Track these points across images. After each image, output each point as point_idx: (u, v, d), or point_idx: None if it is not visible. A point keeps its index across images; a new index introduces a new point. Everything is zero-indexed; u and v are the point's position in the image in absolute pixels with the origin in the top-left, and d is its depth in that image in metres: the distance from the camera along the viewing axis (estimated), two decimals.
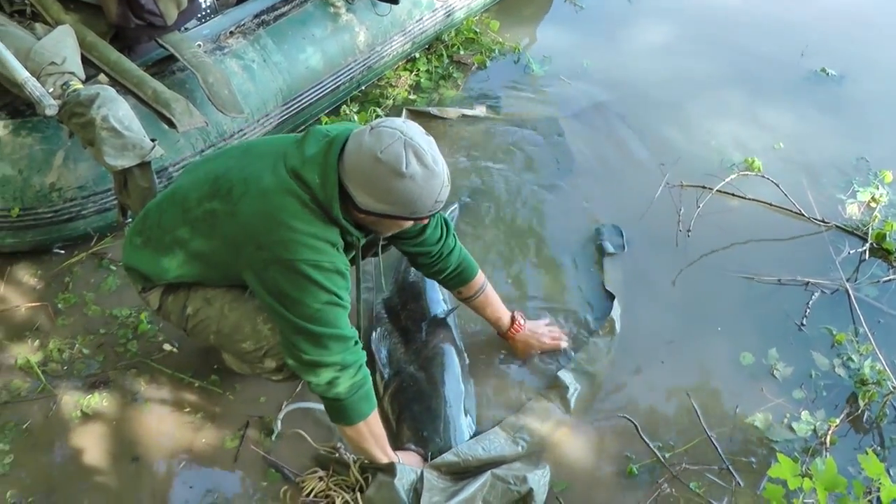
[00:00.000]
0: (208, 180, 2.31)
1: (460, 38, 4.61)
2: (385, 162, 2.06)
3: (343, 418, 2.32)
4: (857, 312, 3.21)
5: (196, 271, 2.42)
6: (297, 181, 2.16)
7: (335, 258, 2.19)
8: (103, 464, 2.64)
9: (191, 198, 2.32)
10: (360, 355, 2.29)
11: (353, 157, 2.11)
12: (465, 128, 4.08)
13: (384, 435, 2.45)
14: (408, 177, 2.07)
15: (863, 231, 3.55)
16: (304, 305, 2.16)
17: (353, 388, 2.26)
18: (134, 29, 3.17)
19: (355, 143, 2.12)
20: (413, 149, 2.08)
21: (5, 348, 2.94)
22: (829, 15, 5.19)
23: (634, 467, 2.69)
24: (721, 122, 4.24)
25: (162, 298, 2.54)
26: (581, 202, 3.71)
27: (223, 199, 2.23)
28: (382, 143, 2.07)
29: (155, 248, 2.42)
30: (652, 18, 5.08)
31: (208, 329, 2.50)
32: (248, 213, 2.18)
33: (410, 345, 2.93)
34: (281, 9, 3.74)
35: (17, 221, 3.05)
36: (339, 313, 2.21)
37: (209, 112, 3.20)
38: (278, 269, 2.15)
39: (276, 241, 2.14)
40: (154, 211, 2.45)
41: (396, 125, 2.12)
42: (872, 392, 2.91)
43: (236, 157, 2.36)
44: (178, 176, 2.64)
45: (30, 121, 3.03)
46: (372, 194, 2.11)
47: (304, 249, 2.13)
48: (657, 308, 3.24)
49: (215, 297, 2.47)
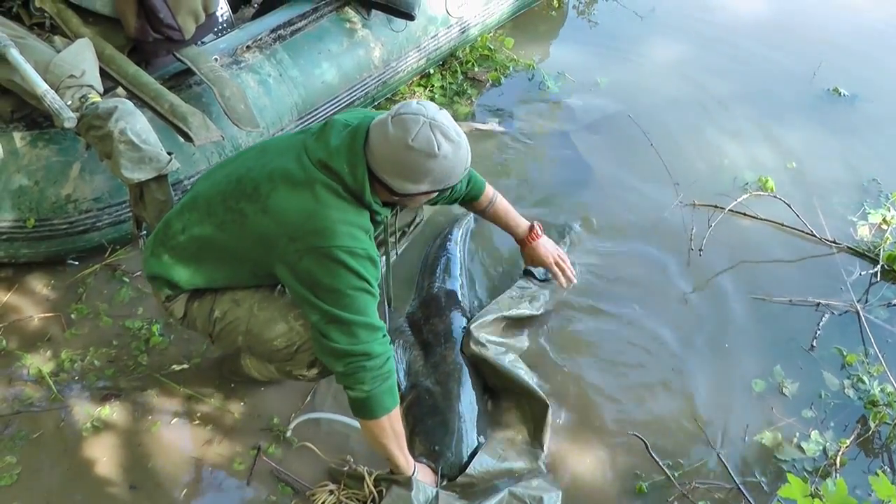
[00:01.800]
0: (231, 182, 2.34)
1: (475, 55, 4.62)
2: (418, 149, 2.17)
3: (366, 411, 2.30)
4: (868, 334, 3.21)
5: (225, 273, 2.44)
6: (326, 171, 2.22)
7: (368, 245, 2.24)
8: (113, 477, 2.65)
9: (214, 202, 2.35)
10: (388, 348, 2.29)
11: (383, 149, 2.19)
12: (477, 143, 4.10)
13: (404, 434, 2.44)
14: (441, 156, 2.19)
15: (874, 253, 3.55)
16: (336, 293, 2.19)
17: (378, 379, 2.25)
18: (152, 43, 3.19)
19: (380, 135, 2.20)
20: (439, 129, 2.20)
21: (18, 358, 2.95)
22: (842, 35, 5.19)
23: (644, 485, 2.69)
24: (733, 141, 4.25)
25: (187, 306, 2.53)
26: (587, 220, 3.71)
27: (250, 198, 2.26)
28: (410, 131, 2.16)
29: (181, 256, 2.43)
30: (664, 36, 5.09)
31: (237, 330, 2.49)
32: (280, 208, 2.22)
33: (430, 358, 2.95)
34: (297, 24, 3.75)
35: (33, 232, 3.07)
36: (368, 301, 2.24)
37: (225, 126, 3.22)
38: (312, 258, 2.18)
39: (310, 230, 2.18)
40: (175, 220, 2.46)
41: (415, 109, 2.22)
42: (883, 414, 2.91)
43: (254, 157, 2.40)
44: (194, 183, 2.65)
45: (47, 132, 3.05)
46: (410, 178, 2.22)
47: (338, 236, 2.17)
48: (668, 326, 3.24)
49: (244, 298, 2.48)
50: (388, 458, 2.43)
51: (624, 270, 3.46)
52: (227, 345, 2.61)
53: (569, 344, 3.15)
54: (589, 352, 3.14)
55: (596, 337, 3.20)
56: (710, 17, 5.33)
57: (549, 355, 3.10)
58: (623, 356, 3.13)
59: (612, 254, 3.54)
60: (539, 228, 3.09)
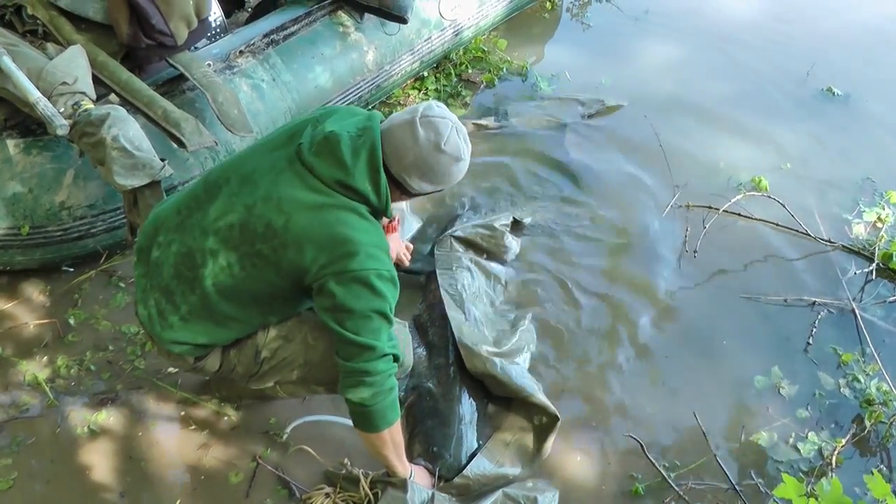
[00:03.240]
0: (233, 231, 2.19)
1: (468, 57, 4.63)
2: (449, 153, 2.18)
3: (366, 425, 2.28)
4: (864, 332, 3.22)
5: (257, 316, 2.36)
6: (347, 192, 2.14)
7: (391, 266, 2.21)
8: (110, 481, 2.64)
9: (221, 254, 2.21)
10: (390, 366, 2.24)
11: (413, 151, 2.16)
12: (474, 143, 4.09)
13: (403, 444, 2.44)
14: (464, 161, 2.24)
15: (869, 251, 3.56)
16: (356, 314, 2.14)
17: (379, 395, 2.22)
18: (145, 49, 3.19)
19: (407, 135, 2.16)
20: (461, 133, 2.23)
21: (14, 364, 2.95)
22: (835, 35, 5.21)
23: (640, 487, 2.70)
24: (728, 142, 4.26)
25: (223, 357, 2.44)
26: (584, 221, 3.73)
27: (264, 237, 2.15)
28: (442, 136, 2.17)
29: (199, 315, 2.30)
30: (658, 38, 5.10)
31: (293, 365, 2.44)
32: (302, 237, 2.12)
33: (433, 360, 2.96)
34: (290, 28, 3.76)
35: (27, 240, 3.06)
36: (381, 324, 2.18)
37: (218, 131, 3.22)
38: (342, 281, 2.12)
39: (339, 255, 2.10)
40: (175, 285, 2.30)
41: (441, 113, 2.21)
42: (879, 412, 2.91)
43: (237, 191, 2.23)
44: (165, 239, 2.33)
45: (40, 140, 3.05)
46: (432, 181, 2.23)
47: (367, 260, 2.12)
48: (663, 327, 3.24)
49: (292, 332, 2.42)
50: (387, 466, 2.43)
51: (618, 272, 3.47)
52: (273, 381, 2.55)
53: (562, 345, 3.16)
54: (582, 353, 3.14)
55: (589, 338, 3.20)
56: (703, 19, 5.34)
57: (543, 356, 3.11)
58: (617, 357, 3.13)
59: (605, 255, 3.55)
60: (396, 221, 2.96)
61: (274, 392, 2.67)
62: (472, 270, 3.31)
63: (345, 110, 2.31)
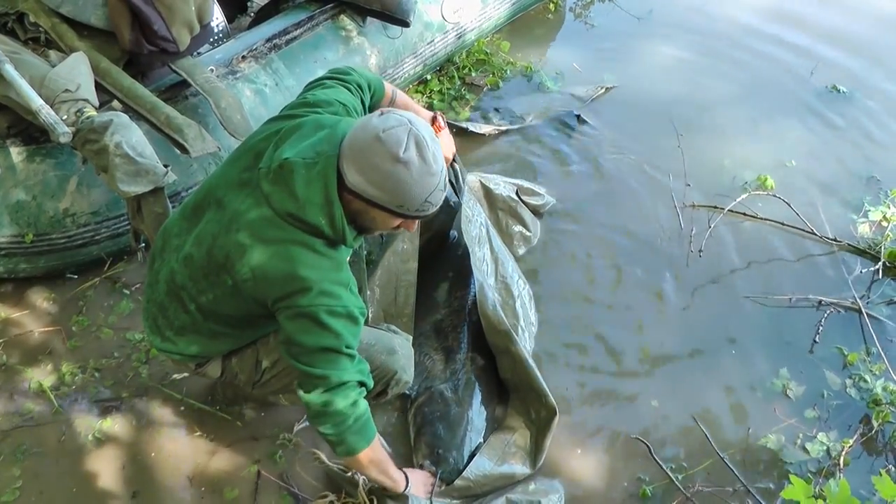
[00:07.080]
0: (202, 252, 2.21)
1: (471, 60, 4.62)
2: (385, 142, 1.98)
3: (340, 452, 2.25)
4: (870, 332, 3.21)
5: (247, 330, 2.39)
6: (300, 225, 2.08)
7: (348, 302, 2.13)
8: (116, 489, 2.65)
9: (198, 277, 2.24)
10: (352, 394, 2.18)
11: (357, 133, 2.04)
12: (489, 143, 4.10)
13: (387, 458, 2.42)
14: (402, 163, 1.99)
15: (875, 250, 3.54)
16: (306, 349, 2.12)
17: (342, 424, 2.18)
18: (147, 55, 3.19)
19: (362, 122, 2.05)
20: (416, 138, 2.01)
21: (19, 372, 2.95)
22: (839, 32, 5.17)
23: (648, 489, 2.69)
24: (733, 140, 4.24)
25: (224, 364, 2.49)
26: (590, 222, 3.72)
27: (224, 268, 2.15)
28: (388, 124, 2.00)
29: (193, 331, 2.35)
30: (662, 37, 5.08)
31: (293, 373, 2.37)
32: (258, 273, 2.10)
33: (449, 364, 2.95)
34: (293, 33, 3.75)
35: (31, 247, 3.07)
36: (336, 357, 2.14)
37: (221, 137, 3.22)
38: (292, 315, 2.10)
39: (290, 292, 2.07)
40: (168, 302, 2.35)
41: (407, 115, 2.06)
42: (886, 412, 2.90)
43: (212, 217, 2.22)
44: (166, 256, 2.37)
45: (44, 147, 3.05)
46: (363, 173, 2.01)
47: (318, 297, 2.07)
48: (668, 328, 3.24)
49: None
50: (376, 483, 2.44)
51: (623, 273, 3.47)
52: (276, 389, 2.55)
53: (569, 346, 3.15)
54: (589, 354, 3.14)
55: (595, 340, 3.20)
56: (707, 18, 5.31)
57: (549, 358, 3.11)
58: (623, 359, 3.13)
59: (611, 256, 3.54)
60: (441, 120, 2.82)
61: (277, 400, 2.68)
62: (494, 242, 3.26)
63: (310, 123, 2.19)
